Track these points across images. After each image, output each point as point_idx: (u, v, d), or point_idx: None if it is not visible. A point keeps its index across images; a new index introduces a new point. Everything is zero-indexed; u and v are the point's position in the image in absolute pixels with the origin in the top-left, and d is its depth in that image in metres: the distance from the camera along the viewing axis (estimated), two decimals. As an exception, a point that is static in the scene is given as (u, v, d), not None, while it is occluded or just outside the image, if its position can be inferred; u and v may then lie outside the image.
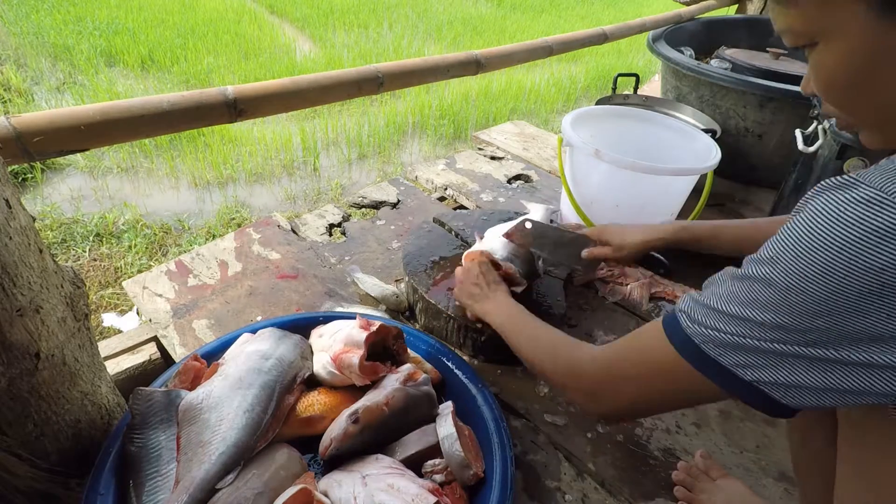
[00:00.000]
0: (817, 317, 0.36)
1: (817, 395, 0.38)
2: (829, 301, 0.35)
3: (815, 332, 0.36)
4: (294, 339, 0.77)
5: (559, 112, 3.83)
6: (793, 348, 0.38)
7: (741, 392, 0.41)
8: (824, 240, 0.35)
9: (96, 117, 0.77)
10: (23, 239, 0.51)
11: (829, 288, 0.35)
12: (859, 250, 0.33)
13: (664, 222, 0.89)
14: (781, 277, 0.37)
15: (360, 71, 1.09)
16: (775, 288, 0.38)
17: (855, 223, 0.34)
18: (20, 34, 4.06)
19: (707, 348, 0.42)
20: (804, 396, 0.39)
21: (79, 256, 1.91)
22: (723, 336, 0.41)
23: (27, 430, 0.57)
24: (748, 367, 0.40)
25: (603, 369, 0.53)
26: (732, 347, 0.40)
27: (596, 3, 7.22)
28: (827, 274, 0.35)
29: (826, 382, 0.37)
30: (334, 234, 1.24)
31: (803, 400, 0.39)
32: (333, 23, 5.19)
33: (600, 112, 1.22)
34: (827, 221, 0.35)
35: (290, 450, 0.65)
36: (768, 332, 0.38)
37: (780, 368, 0.38)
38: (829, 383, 0.37)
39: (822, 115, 0.49)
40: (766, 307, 0.38)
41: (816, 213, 0.36)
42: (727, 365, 0.41)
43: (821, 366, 0.37)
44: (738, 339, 0.40)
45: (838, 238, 0.34)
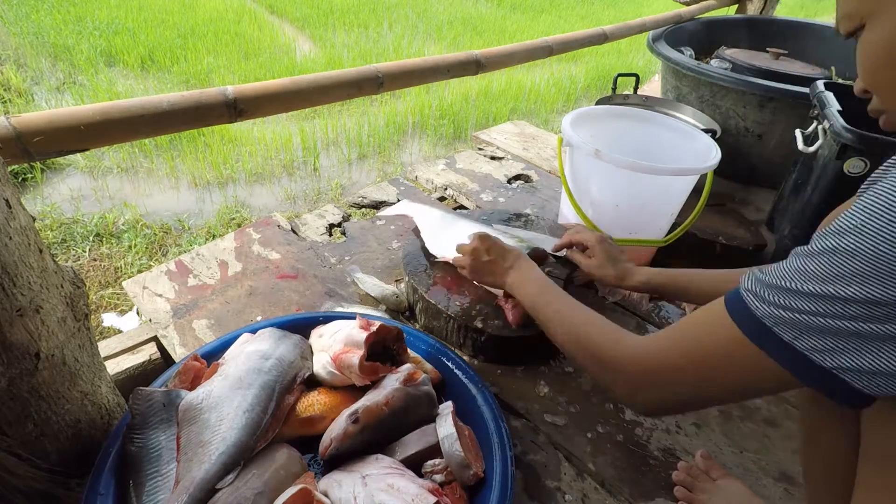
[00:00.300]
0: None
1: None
2: None
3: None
4: (294, 340, 0.78)
5: (559, 112, 3.83)
6: (882, 327, 0.35)
7: (816, 380, 0.38)
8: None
9: (96, 117, 0.77)
10: (23, 239, 0.51)
11: None
12: None
13: (639, 269, 0.85)
14: (870, 244, 0.34)
15: (360, 71, 1.08)
16: (862, 257, 0.35)
17: None
18: (20, 34, 4.06)
19: (780, 331, 0.39)
20: (890, 384, 0.36)
21: (79, 256, 1.91)
22: (799, 317, 0.38)
23: (27, 430, 0.57)
24: (827, 351, 0.37)
25: (652, 357, 0.49)
26: (810, 330, 0.37)
27: (596, 3, 7.22)
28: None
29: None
30: (334, 234, 1.24)
31: (889, 388, 0.36)
32: (333, 23, 5.19)
33: (600, 112, 1.22)
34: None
35: (290, 450, 0.65)
36: (854, 307, 0.35)
37: (865, 353, 0.36)
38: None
39: (871, 112, 0.49)
40: (851, 280, 0.35)
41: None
42: (802, 349, 0.38)
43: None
44: (817, 319, 0.37)
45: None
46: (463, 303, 0.91)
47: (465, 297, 0.93)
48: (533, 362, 0.91)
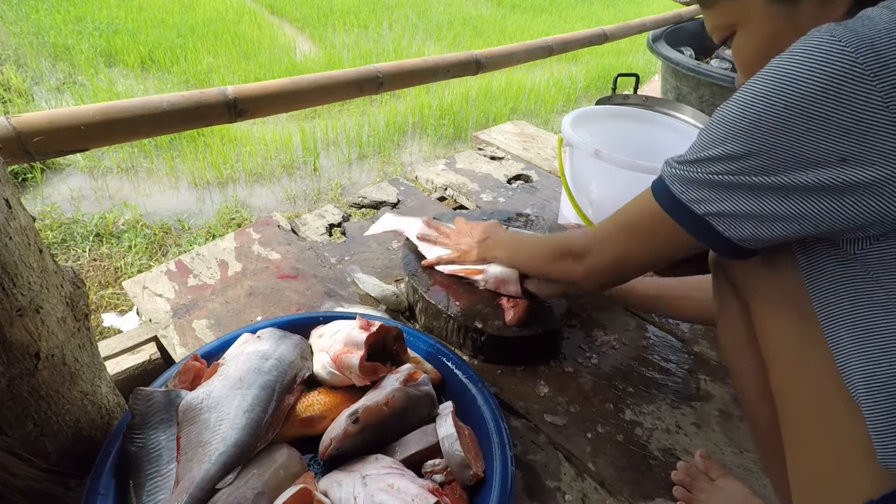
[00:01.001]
0: (753, 138, 0.41)
1: (754, 224, 0.44)
2: (763, 120, 0.41)
3: (752, 155, 0.42)
4: (294, 340, 0.78)
5: (559, 112, 3.83)
6: (736, 178, 0.44)
7: (695, 227, 0.48)
8: (765, 71, 0.42)
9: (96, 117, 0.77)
10: (23, 239, 0.51)
11: (763, 108, 0.40)
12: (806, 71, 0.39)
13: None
14: (728, 110, 0.43)
15: (360, 71, 1.09)
16: (724, 121, 0.44)
17: (807, 50, 0.39)
18: (20, 34, 4.06)
19: (673, 187, 0.49)
20: (744, 226, 0.45)
21: (79, 256, 1.91)
22: (687, 174, 0.48)
23: (27, 430, 0.57)
24: (702, 201, 0.47)
25: (591, 234, 0.62)
26: (692, 183, 0.47)
27: (596, 3, 7.22)
28: (765, 95, 0.41)
29: (761, 209, 0.43)
30: (334, 234, 1.24)
31: (743, 230, 0.45)
32: (333, 23, 5.19)
33: (600, 112, 1.22)
34: (786, 57, 0.41)
35: (290, 450, 0.65)
36: (717, 164, 0.45)
37: (726, 200, 0.45)
38: (763, 209, 0.43)
39: None
40: (717, 141, 0.44)
41: (774, 63, 0.42)
42: (686, 201, 0.48)
43: (757, 192, 0.43)
44: (697, 174, 0.46)
45: (775, 67, 0.41)
46: (463, 303, 0.91)
47: (465, 297, 0.93)
48: (533, 362, 0.91)
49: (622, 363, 0.93)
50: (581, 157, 1.09)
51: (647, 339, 1.00)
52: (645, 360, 0.94)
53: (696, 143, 0.48)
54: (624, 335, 1.00)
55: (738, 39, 0.53)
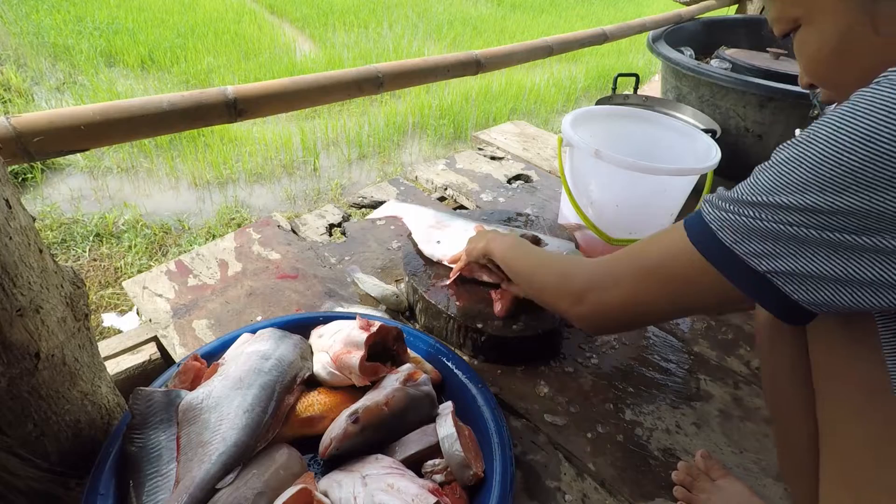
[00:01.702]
0: (851, 192, 0.33)
1: (834, 288, 0.36)
2: (867, 171, 0.32)
3: (845, 213, 0.34)
4: (294, 340, 0.77)
5: (559, 112, 3.83)
6: (818, 233, 0.35)
7: (751, 286, 0.39)
8: (868, 106, 0.33)
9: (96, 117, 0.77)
10: (23, 239, 0.51)
11: (870, 155, 0.32)
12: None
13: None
14: (815, 150, 0.35)
15: (360, 71, 1.08)
16: (807, 164, 0.35)
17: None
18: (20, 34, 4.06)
19: (723, 235, 0.40)
20: (819, 290, 0.37)
21: (79, 256, 1.91)
22: (743, 220, 0.39)
23: (27, 430, 0.57)
24: (764, 255, 0.38)
25: (599, 265, 0.51)
26: (751, 233, 0.39)
27: (596, 3, 7.22)
28: (869, 140, 0.32)
29: (847, 272, 0.35)
30: (334, 234, 1.24)
31: (817, 294, 0.37)
32: (333, 23, 5.18)
33: (600, 112, 1.22)
34: (871, 93, 0.33)
35: (290, 450, 0.65)
36: (793, 215, 0.36)
37: (799, 256, 0.36)
38: (851, 273, 0.35)
39: (822, 103, 0.52)
40: (794, 187, 0.36)
41: (866, 91, 0.34)
42: (741, 254, 0.39)
43: (845, 253, 0.35)
44: (758, 222, 0.38)
45: (885, 102, 0.32)
46: (463, 303, 0.91)
47: (465, 297, 0.93)
48: (533, 362, 0.91)
49: (622, 363, 0.93)
50: (581, 157, 1.09)
51: (647, 339, 1.00)
52: (645, 360, 0.94)
53: (757, 181, 0.40)
54: (624, 335, 1.00)
55: (802, 34, 0.46)
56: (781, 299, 0.39)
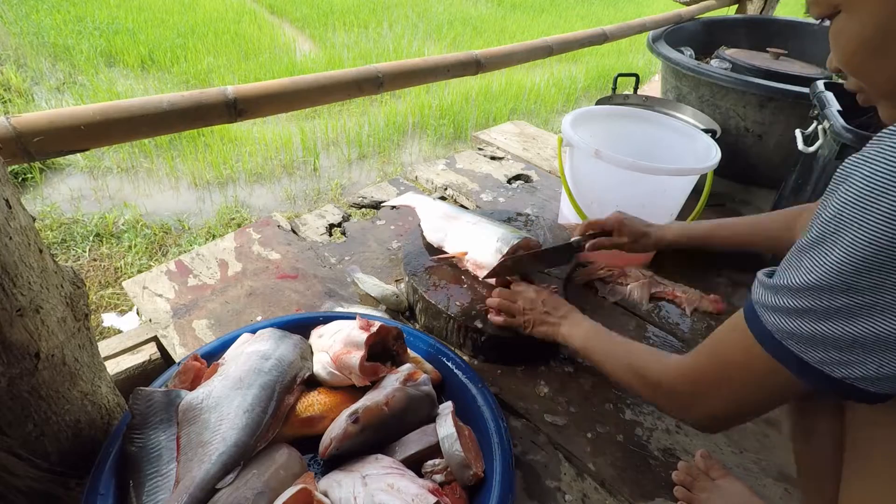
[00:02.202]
0: (889, 271, 0.34)
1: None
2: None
3: (887, 290, 0.35)
4: (294, 340, 0.77)
5: (559, 112, 3.83)
6: (871, 326, 0.36)
7: (832, 387, 0.40)
8: (887, 184, 0.34)
9: (96, 117, 0.77)
10: (23, 239, 0.51)
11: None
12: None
13: (669, 223, 0.95)
14: (847, 230, 0.36)
15: (360, 71, 1.08)
16: (841, 243, 0.36)
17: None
18: (20, 34, 4.06)
19: (789, 344, 0.41)
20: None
21: (79, 256, 1.91)
22: (798, 325, 0.39)
23: (27, 430, 0.57)
24: (835, 363, 0.38)
25: (690, 378, 0.51)
26: (813, 341, 0.39)
27: (596, 3, 7.22)
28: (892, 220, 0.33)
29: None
30: (334, 234, 1.24)
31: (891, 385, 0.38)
32: (333, 23, 5.18)
33: (600, 112, 1.22)
34: (890, 162, 0.34)
35: (290, 450, 0.65)
36: (836, 297, 0.37)
37: (868, 363, 0.37)
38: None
39: (846, 87, 0.50)
40: (831, 267, 0.37)
41: (882, 160, 0.35)
42: (814, 363, 0.40)
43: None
44: (811, 322, 0.38)
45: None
46: (463, 303, 0.91)
47: (465, 297, 0.93)
48: (533, 362, 0.91)
49: (622, 363, 0.93)
50: (581, 157, 1.09)
51: (647, 339, 1.00)
52: (645, 360, 0.94)
53: (797, 263, 0.40)
54: (624, 335, 0.99)
55: (840, 21, 0.44)
56: (867, 395, 0.39)
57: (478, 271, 0.96)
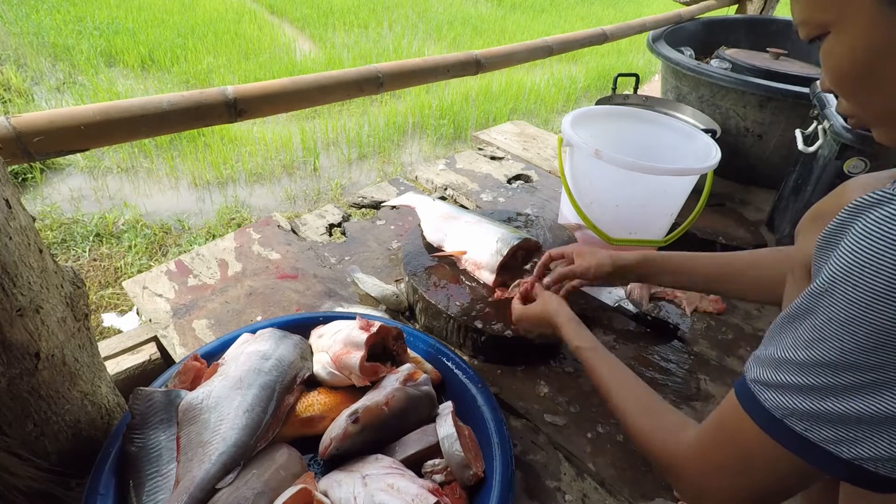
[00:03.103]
0: (889, 349, 0.33)
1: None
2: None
3: (890, 368, 0.33)
4: (294, 340, 0.77)
5: (559, 112, 3.83)
6: (879, 404, 0.34)
7: (841, 471, 0.36)
8: (879, 263, 0.32)
9: (96, 117, 0.77)
10: (23, 239, 0.51)
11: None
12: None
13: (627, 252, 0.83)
14: (841, 307, 0.34)
15: (360, 71, 1.08)
16: (836, 320, 0.35)
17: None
18: (20, 34, 4.06)
19: (791, 423, 0.37)
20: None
21: (79, 256, 1.91)
22: (801, 402, 0.37)
23: (27, 430, 0.57)
24: (842, 442, 0.36)
25: (700, 462, 0.47)
26: (818, 418, 0.36)
27: (596, 3, 7.22)
28: (890, 299, 0.32)
29: None
30: (334, 234, 1.24)
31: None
32: (333, 23, 5.19)
33: (600, 112, 1.22)
34: (879, 242, 0.33)
35: (290, 450, 0.65)
36: (839, 374, 0.35)
37: (877, 441, 0.34)
38: None
39: (839, 114, 0.48)
40: (830, 343, 0.35)
41: (864, 235, 0.34)
42: (818, 442, 0.36)
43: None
44: (816, 401, 0.36)
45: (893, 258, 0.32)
46: (463, 303, 0.91)
47: (465, 297, 0.93)
48: (533, 362, 0.91)
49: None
50: (581, 157, 1.09)
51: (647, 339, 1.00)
52: (645, 360, 0.94)
53: (793, 332, 0.38)
54: (624, 335, 1.00)
55: (829, 42, 0.42)
56: (877, 480, 0.36)
57: (476, 271, 0.96)
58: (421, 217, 1.10)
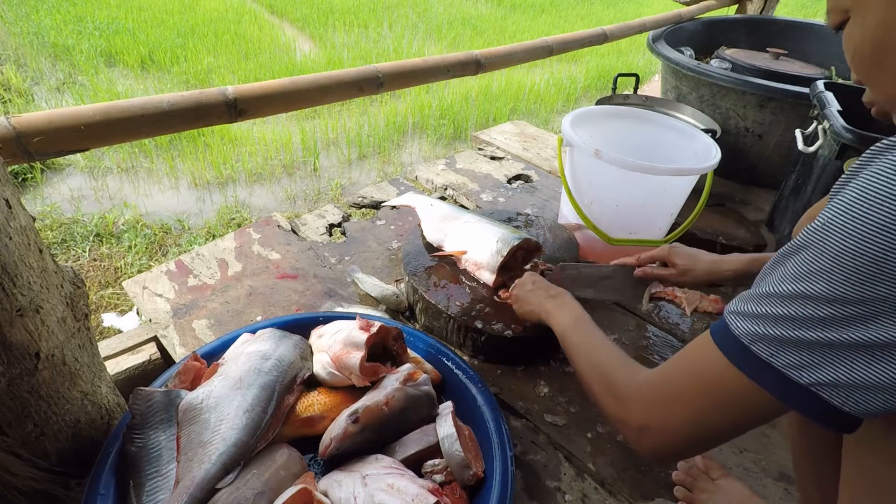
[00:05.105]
0: (878, 282, 0.32)
1: (885, 396, 0.34)
2: (888, 260, 0.32)
3: (874, 302, 0.33)
4: (294, 340, 0.78)
5: (559, 112, 3.83)
6: (851, 334, 0.34)
7: (799, 401, 0.37)
8: (886, 193, 0.32)
9: (96, 117, 0.77)
10: (23, 239, 0.51)
11: (889, 245, 0.32)
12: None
13: (729, 256, 0.82)
14: (835, 240, 0.34)
15: (360, 71, 1.08)
16: (829, 253, 0.34)
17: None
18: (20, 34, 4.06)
19: (757, 349, 0.38)
20: (869, 399, 0.35)
21: (79, 256, 1.91)
22: (773, 329, 0.37)
23: (27, 430, 0.57)
24: (804, 367, 0.36)
25: (651, 393, 0.47)
26: (785, 343, 0.37)
27: (596, 3, 7.22)
28: (889, 228, 0.32)
29: (891, 376, 0.33)
30: (334, 234, 1.24)
31: (868, 404, 0.35)
32: (333, 23, 5.18)
33: (600, 112, 1.22)
34: (885, 178, 0.33)
35: (290, 450, 0.65)
36: (823, 308, 0.35)
37: (840, 364, 0.35)
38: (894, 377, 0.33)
39: (865, 104, 0.49)
40: (819, 276, 0.35)
41: (876, 172, 0.34)
42: (780, 367, 0.37)
43: (885, 354, 0.33)
44: (789, 329, 0.36)
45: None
46: (463, 303, 0.91)
47: (465, 297, 0.93)
48: (533, 362, 0.91)
49: (622, 363, 0.93)
50: (581, 157, 1.09)
51: (647, 339, 1.00)
52: (645, 360, 0.94)
53: (784, 269, 0.38)
54: (624, 335, 1.00)
55: (850, 26, 0.43)
56: (831, 411, 0.36)
57: (477, 271, 0.96)
58: (421, 217, 1.10)
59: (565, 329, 0.68)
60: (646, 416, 0.47)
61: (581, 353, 0.62)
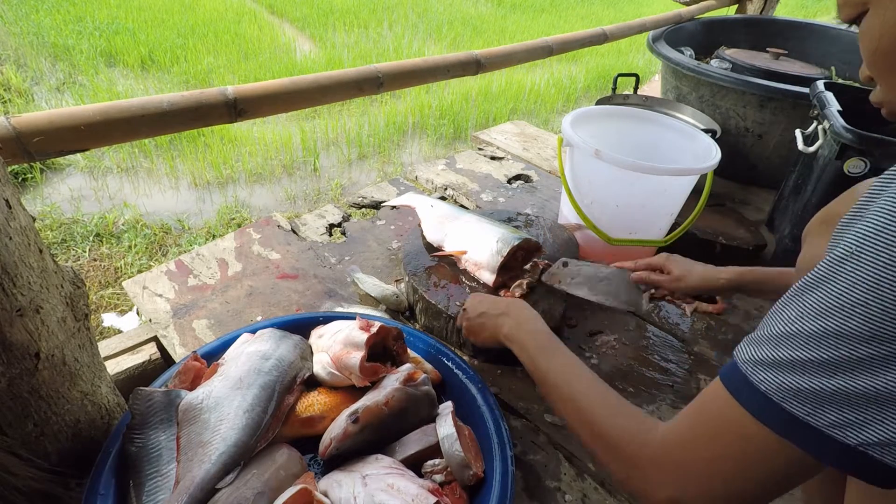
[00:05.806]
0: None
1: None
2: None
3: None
4: (294, 340, 0.77)
5: (559, 112, 3.83)
6: (891, 378, 0.30)
7: (841, 460, 0.33)
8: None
9: (96, 117, 0.77)
10: (23, 239, 0.51)
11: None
12: None
13: (723, 268, 0.82)
14: (871, 267, 0.31)
15: (360, 71, 1.08)
16: (863, 283, 0.31)
17: None
18: (20, 34, 4.06)
19: (791, 407, 0.33)
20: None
21: (79, 256, 1.91)
22: (806, 380, 0.33)
23: (27, 430, 0.57)
24: (850, 426, 0.32)
25: (672, 462, 0.41)
26: (824, 400, 0.32)
27: (596, 3, 7.22)
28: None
29: None
30: (334, 234, 1.24)
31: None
32: (333, 23, 5.18)
33: (600, 112, 1.22)
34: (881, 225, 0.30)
35: (290, 450, 0.65)
36: (859, 346, 0.31)
37: (888, 421, 0.31)
38: None
39: (873, 103, 0.48)
40: (851, 310, 0.31)
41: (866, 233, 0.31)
42: (820, 427, 0.32)
43: None
44: (825, 377, 0.32)
45: None
46: (463, 303, 0.91)
47: (464, 296, 0.93)
48: (533, 362, 0.91)
49: (622, 363, 0.93)
50: (581, 157, 1.09)
51: (647, 339, 1.00)
52: (645, 360, 0.94)
53: (802, 303, 0.34)
54: (624, 335, 1.00)
55: (868, 20, 0.41)
56: (880, 468, 0.32)
57: (477, 271, 0.96)
58: (421, 217, 1.10)
59: (532, 359, 0.62)
60: (678, 487, 0.41)
61: (561, 400, 0.55)
